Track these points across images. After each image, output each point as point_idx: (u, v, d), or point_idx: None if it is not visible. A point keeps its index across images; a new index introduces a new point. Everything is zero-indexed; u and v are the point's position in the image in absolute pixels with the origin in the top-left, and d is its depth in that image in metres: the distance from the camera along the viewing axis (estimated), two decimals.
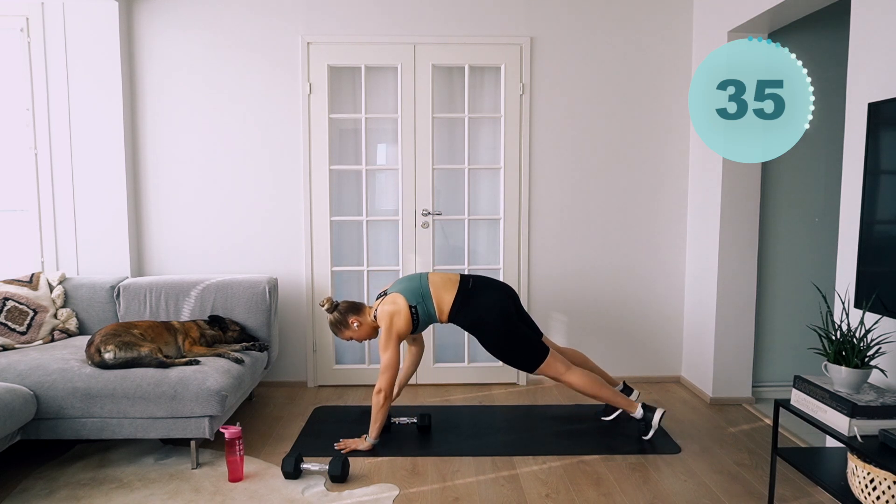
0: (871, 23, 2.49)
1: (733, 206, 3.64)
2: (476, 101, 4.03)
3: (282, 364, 4.05)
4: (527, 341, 3.10)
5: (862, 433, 2.02)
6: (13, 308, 3.34)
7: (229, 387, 2.90)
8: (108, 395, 2.79)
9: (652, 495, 2.65)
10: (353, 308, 3.19)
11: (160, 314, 3.54)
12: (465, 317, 3.09)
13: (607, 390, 3.14)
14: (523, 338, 3.10)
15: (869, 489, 1.97)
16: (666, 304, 4.12)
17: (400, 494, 2.66)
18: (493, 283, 3.22)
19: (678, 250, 4.10)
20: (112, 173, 3.81)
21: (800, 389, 2.32)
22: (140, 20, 3.83)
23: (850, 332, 2.21)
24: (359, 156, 4.01)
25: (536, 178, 4.01)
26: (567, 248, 4.07)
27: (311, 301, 4.00)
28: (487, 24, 3.92)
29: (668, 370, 4.18)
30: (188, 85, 3.88)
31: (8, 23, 3.69)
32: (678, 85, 3.97)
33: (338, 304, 3.19)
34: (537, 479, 2.80)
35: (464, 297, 3.08)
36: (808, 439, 3.12)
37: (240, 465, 2.76)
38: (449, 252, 4.13)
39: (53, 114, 3.75)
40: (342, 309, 3.17)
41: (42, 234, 3.81)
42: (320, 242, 3.98)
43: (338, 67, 3.95)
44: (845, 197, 2.59)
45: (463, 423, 3.45)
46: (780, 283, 3.86)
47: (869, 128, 2.33)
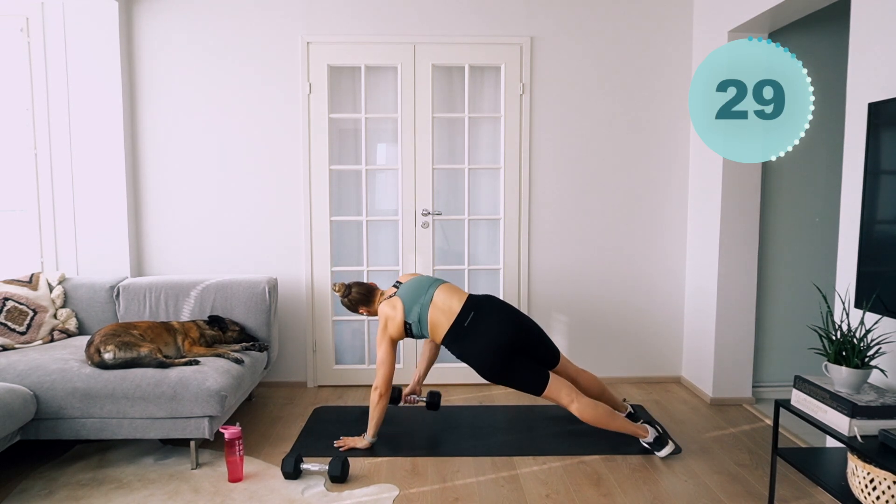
0: (871, 23, 2.48)
1: (733, 206, 3.64)
2: (476, 101, 4.03)
3: (282, 364, 4.05)
4: (519, 381, 2.96)
5: (862, 433, 2.02)
6: (13, 308, 3.34)
7: (229, 387, 2.90)
8: (108, 395, 2.79)
9: (652, 496, 2.65)
10: (364, 299, 3.21)
11: (160, 314, 3.54)
12: (455, 350, 3.02)
13: (617, 422, 2.98)
14: (515, 379, 2.96)
15: (869, 489, 1.97)
16: (666, 304, 4.12)
17: (400, 495, 2.66)
18: (494, 316, 2.99)
19: (678, 250, 4.09)
20: (112, 173, 3.81)
21: (800, 389, 2.32)
22: (140, 20, 3.83)
23: (850, 332, 2.21)
24: (359, 156, 4.01)
25: (536, 178, 4.01)
26: (567, 247, 4.06)
27: (310, 301, 4.00)
28: (487, 23, 3.92)
29: (669, 370, 4.17)
30: (188, 85, 3.88)
31: (8, 23, 3.69)
32: (678, 85, 3.97)
33: (351, 289, 3.21)
34: (537, 480, 2.79)
35: (456, 332, 2.97)
36: (809, 439, 3.12)
37: (239, 465, 2.76)
38: (449, 252, 4.13)
39: (53, 114, 3.75)
40: (353, 299, 3.21)
41: (42, 235, 3.81)
42: (320, 242, 3.98)
43: (338, 67, 3.95)
44: (845, 197, 2.59)
45: (463, 423, 3.45)
46: (780, 283, 3.86)
47: (869, 128, 2.33)
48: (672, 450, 2.98)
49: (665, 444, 2.99)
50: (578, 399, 2.96)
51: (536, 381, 2.96)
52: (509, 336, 2.95)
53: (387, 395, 3.04)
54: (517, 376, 2.97)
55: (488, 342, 2.93)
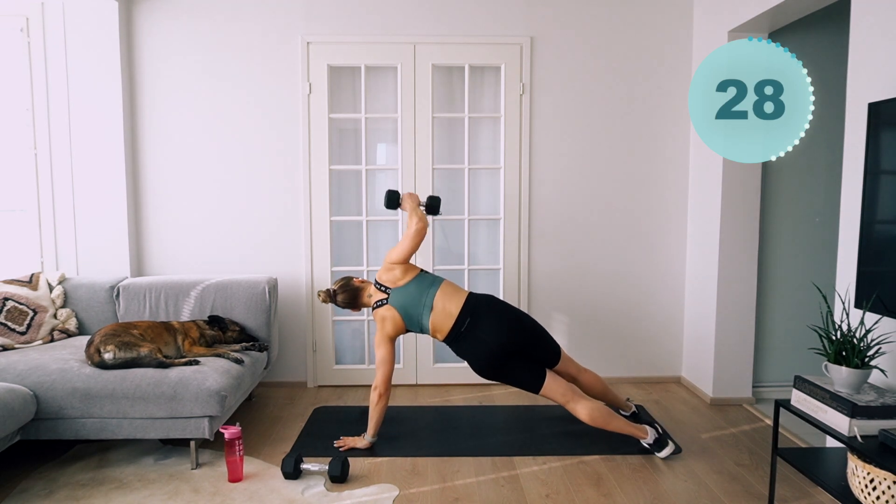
0: (871, 23, 2.48)
1: (733, 206, 3.64)
2: (476, 100, 4.03)
3: (281, 364, 4.05)
4: (515, 380, 3.00)
5: (862, 433, 2.02)
6: (13, 308, 3.34)
7: (229, 387, 2.90)
8: (108, 395, 2.79)
9: (652, 496, 2.65)
10: (350, 302, 3.17)
11: (160, 314, 3.54)
12: (454, 349, 3.06)
13: (616, 422, 2.98)
14: (512, 378, 3.00)
15: (869, 489, 1.97)
16: (666, 304, 4.12)
17: (400, 495, 2.66)
18: (492, 317, 2.98)
19: (678, 250, 4.09)
20: (112, 173, 3.81)
21: (800, 389, 2.31)
22: (140, 20, 3.83)
23: (850, 332, 2.21)
24: (359, 156, 4.01)
25: (536, 178, 4.01)
26: (567, 247, 4.06)
27: (310, 301, 4.00)
28: (487, 23, 3.92)
29: (669, 370, 4.17)
30: (188, 84, 3.88)
31: (8, 23, 3.69)
32: (678, 85, 3.97)
33: (336, 296, 3.17)
34: (537, 480, 2.79)
35: (455, 334, 2.99)
36: (809, 439, 3.12)
37: (239, 465, 2.76)
38: (449, 252, 4.13)
39: (53, 114, 3.75)
40: (341, 303, 3.18)
41: (42, 235, 3.81)
42: (320, 242, 3.98)
43: (338, 67, 3.95)
44: (845, 197, 2.59)
45: (463, 423, 3.45)
46: (780, 283, 3.86)
47: (869, 128, 2.33)
48: (672, 450, 2.98)
49: (665, 444, 2.98)
50: (575, 398, 2.97)
51: (533, 380, 2.97)
52: (506, 338, 2.95)
53: (387, 395, 3.04)
54: (514, 375, 2.99)
55: (485, 344, 2.94)
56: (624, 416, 3.25)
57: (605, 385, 3.25)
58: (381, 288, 3.09)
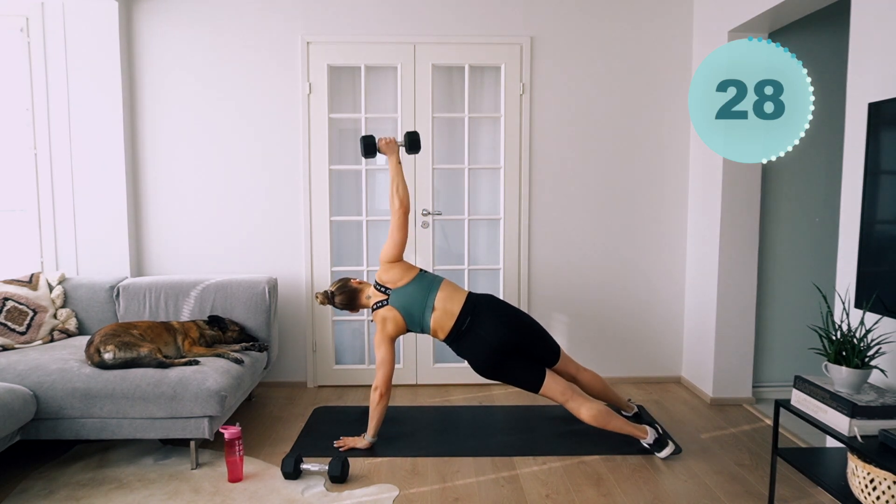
0: (871, 23, 2.48)
1: (733, 206, 3.64)
2: (476, 100, 4.03)
3: (281, 364, 4.05)
4: (514, 379, 3.02)
5: (862, 433, 2.02)
6: (13, 308, 3.34)
7: (229, 387, 2.90)
8: (108, 395, 2.79)
9: (652, 496, 2.65)
10: (348, 304, 3.16)
11: (160, 314, 3.54)
12: (454, 348, 3.07)
13: (615, 422, 2.98)
14: (510, 377, 3.02)
15: (869, 489, 1.97)
16: (666, 304, 4.12)
17: (400, 495, 2.66)
18: (491, 318, 2.98)
19: (678, 250, 4.09)
20: (112, 173, 3.81)
21: (800, 389, 2.31)
22: (140, 20, 3.83)
23: (850, 332, 2.21)
24: (358, 156, 4.01)
25: (536, 178, 4.01)
26: (567, 247, 4.06)
27: (310, 301, 4.00)
28: (487, 23, 3.92)
29: (669, 370, 4.17)
30: (188, 85, 3.88)
31: (8, 23, 3.69)
32: (678, 85, 3.97)
33: (334, 298, 3.16)
34: (537, 480, 2.79)
35: (455, 334, 3.00)
36: (809, 439, 3.12)
37: (239, 465, 2.76)
38: (449, 252, 4.13)
39: (53, 114, 3.75)
40: (339, 304, 3.16)
41: (42, 234, 3.81)
42: (320, 242, 3.98)
43: (337, 67, 3.95)
44: (845, 197, 2.59)
45: (463, 424, 3.45)
46: (780, 283, 3.86)
47: (869, 128, 2.33)
48: (672, 450, 2.98)
49: (665, 445, 2.98)
50: (575, 398, 2.98)
51: (532, 380, 2.99)
52: (505, 336, 2.96)
53: (387, 395, 3.04)
54: (513, 374, 3.01)
55: (484, 343, 2.94)
56: (626, 416, 3.25)
57: (604, 384, 3.26)
58: (380, 289, 3.09)
